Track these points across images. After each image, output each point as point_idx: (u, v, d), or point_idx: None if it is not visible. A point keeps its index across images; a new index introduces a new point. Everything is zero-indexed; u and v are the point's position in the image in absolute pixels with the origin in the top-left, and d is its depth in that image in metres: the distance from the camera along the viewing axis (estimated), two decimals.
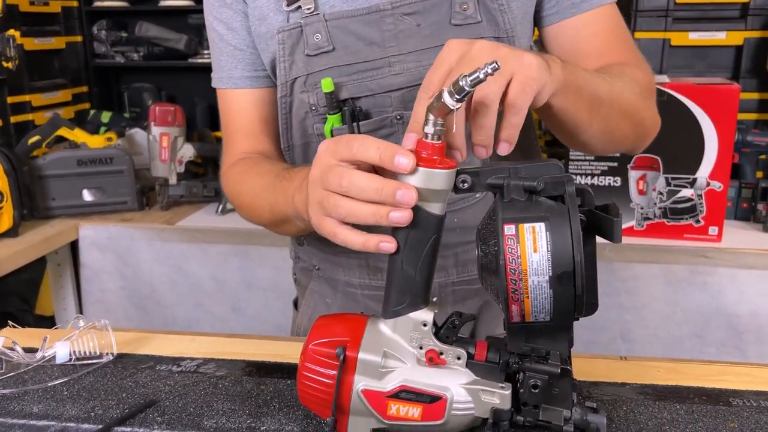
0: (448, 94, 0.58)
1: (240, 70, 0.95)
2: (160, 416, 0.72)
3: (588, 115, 0.78)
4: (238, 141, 0.97)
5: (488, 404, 0.65)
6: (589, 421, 0.65)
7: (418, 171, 0.61)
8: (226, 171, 0.98)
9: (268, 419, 0.71)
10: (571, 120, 0.77)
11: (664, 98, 1.70)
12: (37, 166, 1.91)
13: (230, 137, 0.99)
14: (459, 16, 0.85)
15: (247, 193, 0.90)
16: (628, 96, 0.84)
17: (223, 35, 0.94)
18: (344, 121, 0.86)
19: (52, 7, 2.30)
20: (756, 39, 1.97)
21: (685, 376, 0.81)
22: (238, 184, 0.93)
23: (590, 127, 0.80)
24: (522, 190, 0.61)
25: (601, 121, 0.81)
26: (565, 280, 0.58)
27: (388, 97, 0.86)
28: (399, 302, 0.65)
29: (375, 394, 0.65)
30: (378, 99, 0.86)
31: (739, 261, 1.68)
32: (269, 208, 0.84)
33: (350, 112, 0.86)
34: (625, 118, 0.85)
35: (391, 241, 0.62)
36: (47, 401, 0.76)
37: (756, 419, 0.71)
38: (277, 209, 0.82)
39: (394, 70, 0.85)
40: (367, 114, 0.87)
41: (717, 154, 1.70)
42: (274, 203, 0.82)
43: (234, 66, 0.95)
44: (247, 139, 0.96)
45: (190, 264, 1.94)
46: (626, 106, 0.84)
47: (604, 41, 0.91)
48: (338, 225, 0.65)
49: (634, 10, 2.02)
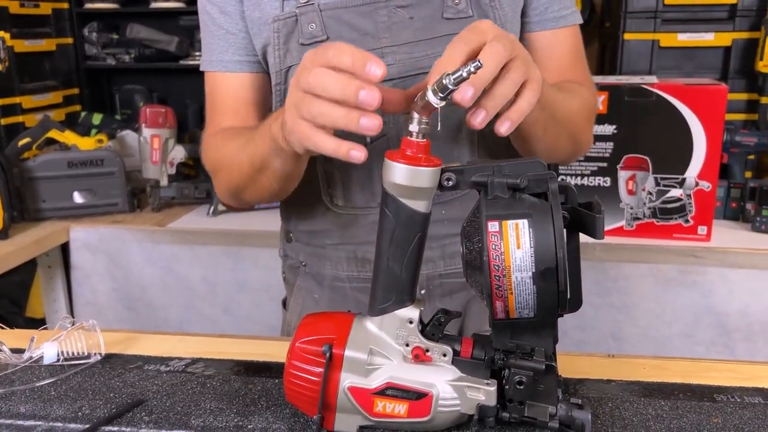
0: (431, 92, 0.59)
1: (230, 54, 0.95)
2: (148, 415, 0.72)
3: (543, 131, 0.83)
4: (222, 119, 0.98)
5: (474, 401, 0.65)
6: (574, 417, 0.65)
7: (404, 169, 0.61)
8: (206, 140, 0.99)
9: (255, 417, 0.71)
10: (527, 132, 0.82)
11: (653, 99, 1.71)
12: (27, 168, 1.90)
13: (214, 114, 0.99)
14: (451, 10, 0.87)
15: (227, 153, 0.91)
16: (578, 119, 0.91)
17: (216, 18, 0.95)
18: None
19: (43, 9, 2.29)
20: (744, 40, 1.99)
21: (670, 373, 0.81)
22: (218, 149, 0.94)
23: (540, 142, 0.85)
24: (505, 187, 0.61)
25: (551, 137, 0.86)
26: (548, 276, 0.59)
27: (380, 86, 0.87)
28: (385, 300, 0.66)
29: (361, 391, 0.65)
30: None
31: (728, 260, 1.69)
32: (248, 159, 0.85)
33: None
34: (570, 138, 0.91)
35: (361, 150, 0.63)
36: (34, 401, 0.76)
37: (740, 414, 0.71)
38: (256, 154, 0.82)
39: (386, 61, 0.86)
40: None
41: (705, 155, 1.72)
42: (254, 150, 0.83)
43: (225, 49, 0.95)
44: (232, 119, 0.97)
45: (182, 265, 1.94)
46: (574, 127, 0.91)
47: (569, 58, 0.98)
48: (312, 127, 0.65)
49: (623, 11, 2.03)
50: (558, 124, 0.86)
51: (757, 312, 1.69)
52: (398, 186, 0.62)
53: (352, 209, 0.94)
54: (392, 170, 0.62)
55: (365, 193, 0.93)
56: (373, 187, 0.92)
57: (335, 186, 0.93)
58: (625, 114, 1.73)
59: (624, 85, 1.73)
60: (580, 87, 0.95)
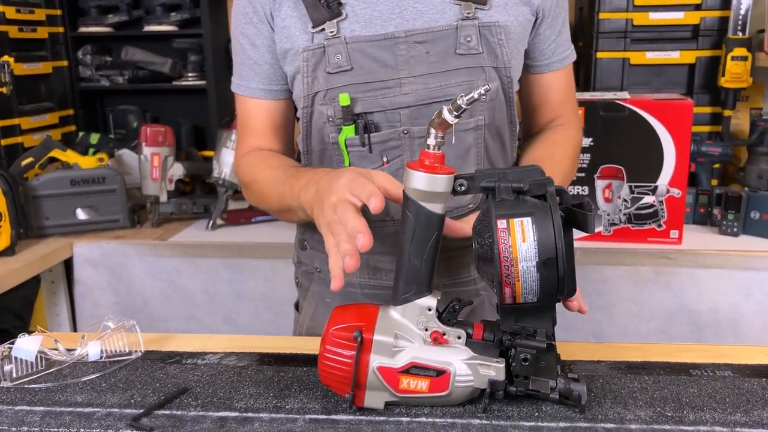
0: (447, 111, 0.70)
1: (257, 83, 1.07)
2: (194, 401, 0.81)
3: None
4: (250, 138, 1.11)
5: (485, 376, 0.75)
6: (572, 389, 0.76)
7: (423, 176, 0.72)
8: (239, 159, 1.12)
9: (291, 400, 0.81)
10: None
11: (625, 113, 1.84)
12: (31, 186, 1.97)
13: (243, 134, 1.13)
14: (463, 47, 0.98)
15: (260, 182, 1.05)
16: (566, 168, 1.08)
17: (246, 49, 1.06)
18: (357, 132, 0.98)
19: (40, 33, 2.36)
20: (707, 58, 2.14)
21: (651, 354, 0.92)
22: (251, 174, 1.08)
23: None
24: (511, 190, 0.72)
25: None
26: (549, 265, 0.69)
27: (398, 113, 0.98)
28: (407, 291, 0.76)
29: (388, 371, 0.75)
30: (388, 115, 0.98)
31: (698, 261, 1.82)
32: (278, 198, 0.99)
33: (363, 125, 0.98)
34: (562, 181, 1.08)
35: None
36: (88, 392, 0.84)
37: (712, 385, 0.83)
38: (285, 200, 0.97)
39: (403, 90, 0.97)
40: (377, 127, 0.98)
41: (675, 164, 1.85)
42: (282, 195, 0.97)
43: (252, 78, 1.07)
44: (258, 138, 1.10)
45: (182, 277, 2.01)
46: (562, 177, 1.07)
47: (563, 95, 1.13)
48: (328, 233, 0.80)
49: (595, 31, 2.17)
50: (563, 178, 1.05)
51: (726, 309, 1.82)
52: (418, 191, 0.72)
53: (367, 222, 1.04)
54: (413, 177, 0.72)
55: None
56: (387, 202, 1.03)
57: None
58: (600, 127, 1.86)
59: (599, 100, 1.86)
60: (568, 130, 1.10)
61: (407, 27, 0.98)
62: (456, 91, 0.97)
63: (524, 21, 1.03)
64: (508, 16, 1.01)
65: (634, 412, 0.76)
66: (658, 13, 2.13)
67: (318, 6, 0.98)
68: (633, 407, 0.78)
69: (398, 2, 0.99)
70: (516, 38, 1.02)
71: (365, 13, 0.99)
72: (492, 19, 0.99)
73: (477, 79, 0.98)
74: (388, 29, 0.98)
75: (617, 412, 0.77)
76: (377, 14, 0.99)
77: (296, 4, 1.00)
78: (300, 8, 1.00)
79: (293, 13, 1.00)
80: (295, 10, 1.00)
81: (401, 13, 0.99)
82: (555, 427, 0.74)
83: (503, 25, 1.00)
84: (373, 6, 0.99)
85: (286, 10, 1.01)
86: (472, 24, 0.98)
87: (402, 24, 0.98)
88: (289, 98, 1.09)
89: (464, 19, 0.98)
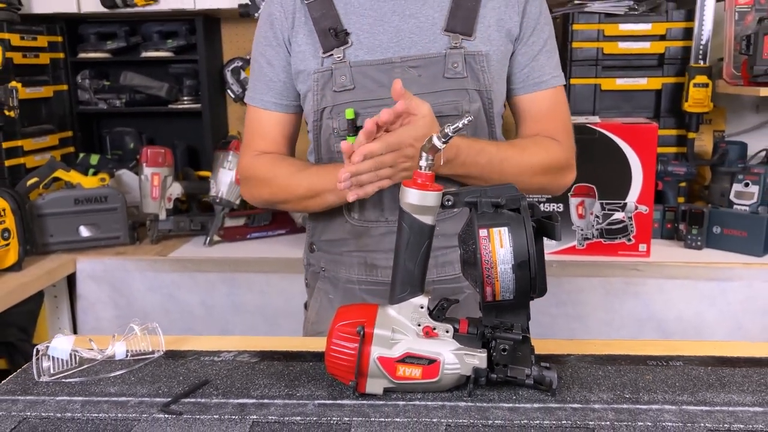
0: (437, 138, 0.83)
1: (270, 96, 1.23)
2: (215, 390, 0.92)
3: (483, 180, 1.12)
4: (260, 143, 1.25)
5: (470, 365, 0.88)
6: (545, 376, 0.88)
7: (416, 193, 0.84)
8: (251, 159, 1.25)
9: (301, 388, 0.92)
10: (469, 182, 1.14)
11: (596, 136, 1.99)
12: (36, 205, 2.07)
13: (253, 138, 1.26)
14: (450, 72, 1.14)
15: (283, 175, 1.19)
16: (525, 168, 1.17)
17: (263, 67, 1.22)
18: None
19: (42, 59, 2.47)
20: (672, 84, 2.30)
21: (615, 348, 1.05)
22: (270, 170, 1.22)
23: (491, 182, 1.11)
24: (490, 204, 0.85)
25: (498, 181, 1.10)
26: (523, 267, 0.82)
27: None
28: (402, 291, 0.88)
29: (387, 360, 0.87)
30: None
31: (665, 272, 1.96)
32: (306, 185, 1.15)
33: None
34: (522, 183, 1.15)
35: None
36: (119, 385, 0.95)
37: (665, 373, 0.96)
38: (316, 185, 1.13)
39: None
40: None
41: (642, 183, 2.00)
42: (314, 182, 1.14)
43: (266, 92, 1.23)
44: (267, 143, 1.25)
45: (181, 292, 2.11)
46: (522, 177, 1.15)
47: (546, 115, 1.23)
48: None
49: (569, 59, 2.33)
50: (503, 174, 1.12)
51: (691, 317, 1.96)
52: (412, 205, 0.85)
53: (365, 222, 1.19)
54: (407, 194, 0.85)
55: (376, 210, 1.18)
56: (382, 205, 1.17)
57: (353, 202, 1.17)
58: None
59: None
60: (543, 139, 1.19)
61: (403, 54, 1.14)
62: (444, 110, 1.12)
63: (504, 50, 1.18)
64: (490, 46, 1.16)
65: (597, 395, 0.89)
66: (627, 42, 2.29)
67: (328, 35, 1.14)
68: (597, 391, 0.90)
69: (396, 33, 1.15)
70: (497, 65, 1.17)
71: (368, 41, 1.14)
72: (476, 48, 1.15)
73: (462, 100, 1.14)
74: (387, 55, 1.14)
75: (583, 395, 0.89)
76: (378, 42, 1.15)
77: (310, 32, 1.16)
78: (313, 36, 1.16)
79: (308, 41, 1.17)
80: (309, 38, 1.16)
81: (399, 42, 1.14)
82: (530, 407, 0.86)
83: (486, 53, 1.15)
84: (375, 35, 1.15)
85: (302, 37, 1.17)
86: (458, 52, 1.13)
87: (399, 51, 1.14)
88: (295, 113, 1.25)
89: (452, 48, 1.14)
